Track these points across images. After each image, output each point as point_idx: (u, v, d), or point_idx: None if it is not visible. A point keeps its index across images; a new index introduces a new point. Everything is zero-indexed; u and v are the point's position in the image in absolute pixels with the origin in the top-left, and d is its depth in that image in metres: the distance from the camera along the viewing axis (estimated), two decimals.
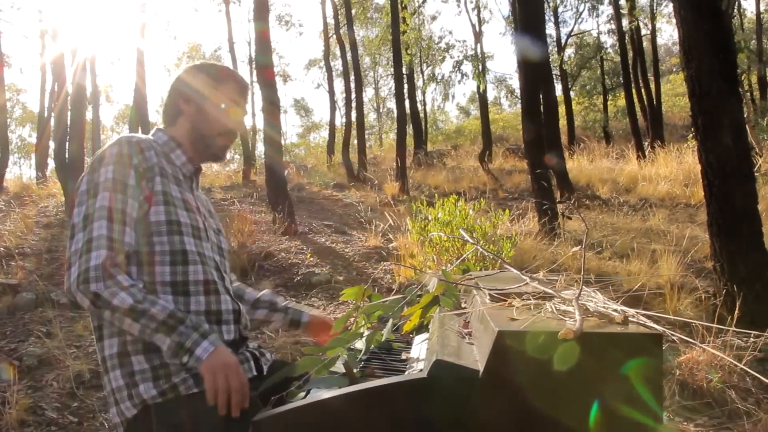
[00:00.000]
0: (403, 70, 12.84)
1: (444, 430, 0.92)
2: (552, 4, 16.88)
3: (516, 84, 23.28)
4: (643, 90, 15.55)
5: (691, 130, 6.47)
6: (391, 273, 4.92)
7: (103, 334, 1.24)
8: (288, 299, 4.54)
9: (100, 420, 2.61)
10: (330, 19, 17.05)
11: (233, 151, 26.32)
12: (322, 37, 17.23)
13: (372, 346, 1.26)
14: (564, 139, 14.79)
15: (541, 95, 7.91)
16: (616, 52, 18.21)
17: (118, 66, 49.87)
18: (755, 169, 5.87)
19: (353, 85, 14.52)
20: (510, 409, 0.88)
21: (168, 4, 40.91)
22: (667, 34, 40.81)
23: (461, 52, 20.62)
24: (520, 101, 8.89)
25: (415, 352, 1.26)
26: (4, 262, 5.08)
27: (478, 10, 17.89)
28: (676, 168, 10.09)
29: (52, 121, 11.76)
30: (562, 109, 16.31)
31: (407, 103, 14.75)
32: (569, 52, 20.18)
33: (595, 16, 26.25)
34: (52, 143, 10.26)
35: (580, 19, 36.46)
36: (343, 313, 3.07)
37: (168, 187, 1.30)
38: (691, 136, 9.72)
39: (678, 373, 2.69)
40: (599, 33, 20.62)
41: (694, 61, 3.53)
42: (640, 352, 0.84)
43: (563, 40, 19.12)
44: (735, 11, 14.59)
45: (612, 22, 18.12)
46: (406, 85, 14.11)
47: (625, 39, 15.49)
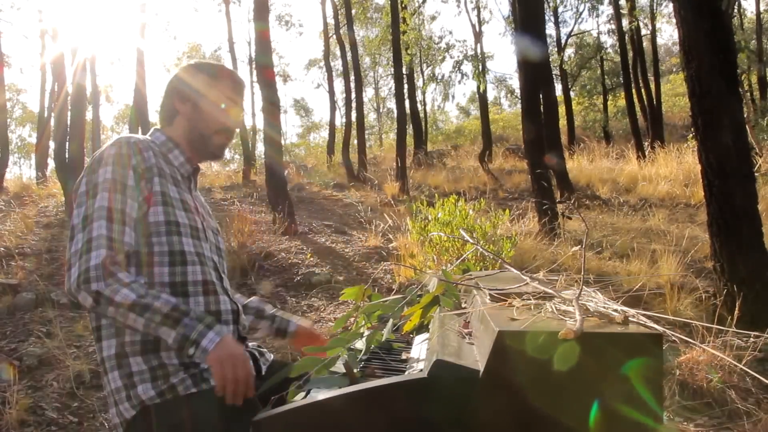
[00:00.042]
0: (403, 70, 12.84)
1: (444, 430, 0.92)
2: (552, 4, 16.88)
3: (516, 84, 23.30)
4: (643, 90, 15.55)
5: (691, 130, 6.46)
6: (391, 273, 4.92)
7: (101, 335, 1.24)
8: (288, 299, 4.55)
9: (100, 420, 2.61)
10: (330, 19, 17.06)
11: (233, 151, 26.34)
12: (322, 37, 17.23)
13: (372, 346, 1.26)
14: (564, 139, 14.79)
15: (541, 95, 7.91)
16: (616, 52, 18.22)
17: (118, 66, 49.93)
18: (755, 169, 5.87)
19: (353, 85, 14.52)
20: (510, 409, 0.88)
21: (168, 4, 40.98)
22: (667, 34, 40.84)
23: (461, 52, 20.60)
24: (520, 101, 8.88)
25: (415, 352, 1.26)
26: (4, 262, 5.08)
27: (478, 10, 17.90)
28: (676, 168, 10.09)
29: (52, 121, 11.76)
30: (562, 109, 16.32)
31: (407, 103, 14.76)
32: (569, 52, 20.20)
33: (595, 16, 26.29)
34: (52, 143, 10.26)
35: (580, 19, 36.51)
36: (343, 313, 3.07)
37: (166, 187, 1.30)
38: (691, 136, 9.71)
39: (678, 373, 2.69)
40: (599, 33, 20.67)
41: (694, 61, 3.53)
42: (640, 352, 0.84)
43: (563, 40, 19.15)
44: (735, 11, 14.60)
45: (612, 22, 18.14)
46: (406, 85, 14.12)
47: (625, 39, 15.49)
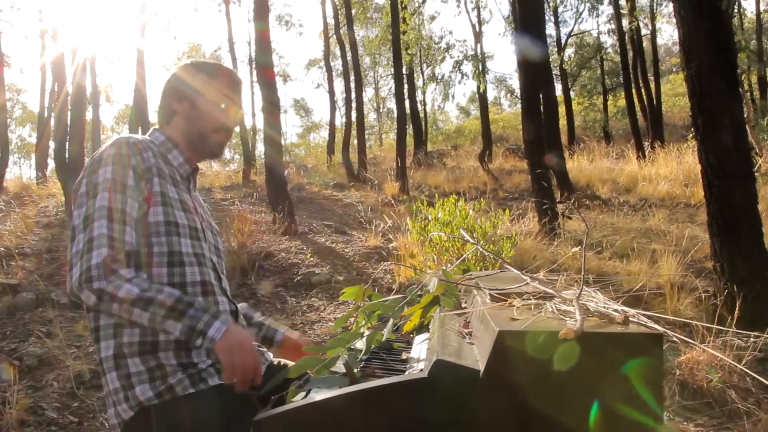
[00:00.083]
0: (403, 70, 12.84)
1: (445, 430, 0.92)
2: (552, 4, 16.89)
3: (516, 84, 23.30)
4: (643, 90, 15.55)
5: (691, 130, 6.47)
6: (391, 273, 4.92)
7: (99, 336, 1.24)
8: (288, 299, 4.55)
9: (100, 420, 2.61)
10: (330, 19, 17.06)
11: (233, 151, 26.35)
12: (322, 37, 17.23)
13: (372, 346, 1.26)
14: (564, 139, 14.79)
15: (541, 95, 7.91)
16: (616, 52, 18.23)
17: (118, 66, 49.88)
18: (755, 169, 5.87)
19: (353, 85, 14.52)
20: (511, 409, 0.88)
21: (168, 4, 40.96)
22: (667, 34, 40.83)
23: (461, 52, 20.61)
24: (520, 101, 8.88)
25: (415, 352, 1.26)
26: (4, 262, 5.08)
27: (478, 10, 17.90)
28: (676, 168, 10.09)
29: (52, 121, 11.76)
30: (562, 109, 16.32)
31: (407, 103, 14.77)
32: (569, 52, 20.20)
33: (595, 16, 26.31)
34: (52, 143, 10.27)
35: (580, 19, 36.53)
36: (343, 313, 3.07)
37: (166, 188, 1.30)
38: (691, 136, 9.72)
39: (678, 373, 2.69)
40: (599, 33, 20.66)
41: (694, 61, 3.53)
42: (640, 352, 0.84)
43: (563, 40, 19.15)
44: (735, 11, 14.60)
45: (612, 22, 18.14)
46: (406, 85, 14.12)
47: (625, 39, 15.49)
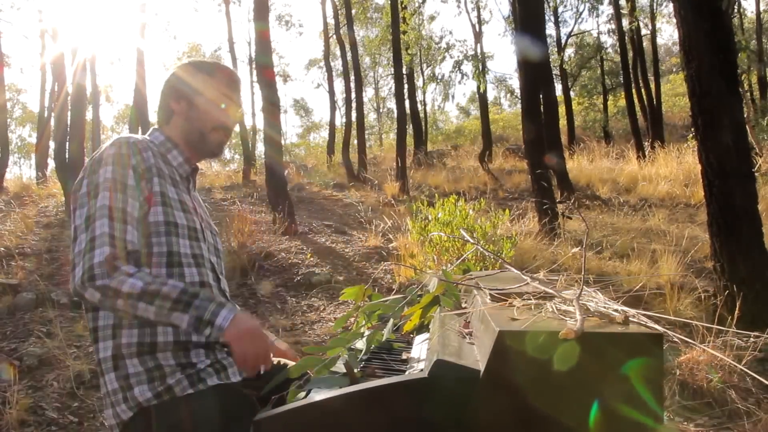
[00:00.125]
0: (403, 70, 12.83)
1: (445, 429, 0.92)
2: (552, 4, 16.89)
3: (516, 84, 23.29)
4: (643, 90, 15.55)
5: (691, 130, 6.47)
6: (392, 273, 4.92)
7: (98, 337, 1.24)
8: (288, 299, 4.55)
9: (100, 420, 2.61)
10: (330, 19, 17.06)
11: (233, 151, 26.35)
12: (322, 37, 17.23)
13: (372, 346, 1.26)
14: (564, 139, 14.79)
15: (541, 95, 7.91)
16: (616, 52, 18.23)
17: (118, 66, 49.97)
18: (755, 169, 5.87)
19: (353, 85, 14.52)
20: (511, 409, 0.88)
21: (168, 4, 40.88)
22: (667, 34, 40.83)
23: (461, 52, 20.62)
24: (520, 101, 8.88)
25: (415, 352, 1.26)
26: (5, 262, 5.08)
27: (478, 10, 17.91)
28: (676, 168, 10.09)
29: (52, 121, 11.76)
30: (562, 109, 16.32)
31: (407, 103, 14.76)
32: (569, 52, 20.20)
33: (595, 16, 26.27)
34: (52, 143, 10.27)
35: (580, 19, 36.50)
36: (343, 313, 3.07)
37: (165, 188, 1.30)
38: (691, 136, 9.72)
39: (678, 373, 2.69)
40: (599, 33, 20.65)
41: (694, 61, 3.53)
42: (640, 352, 0.84)
43: (563, 40, 19.15)
44: (735, 11, 14.59)
45: (612, 22, 18.13)
46: (406, 85, 14.11)
47: (625, 39, 15.49)
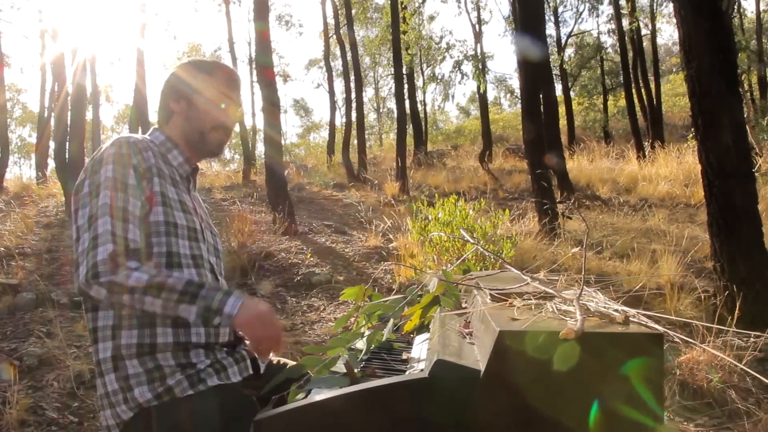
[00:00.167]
0: (403, 70, 12.83)
1: (445, 429, 0.92)
2: (552, 4, 16.90)
3: (516, 84, 23.30)
4: (643, 90, 15.56)
5: (691, 130, 6.47)
6: (392, 273, 4.92)
7: (97, 337, 1.23)
8: (288, 299, 4.55)
9: (100, 420, 2.61)
10: (330, 19, 17.07)
11: (233, 151, 26.36)
12: (322, 37, 17.24)
13: (373, 346, 1.26)
14: (564, 139, 14.79)
15: (541, 95, 7.91)
16: (616, 52, 18.23)
17: (118, 66, 50.00)
18: (755, 169, 5.87)
19: (353, 85, 14.53)
20: (511, 409, 0.88)
21: (168, 4, 40.93)
22: (667, 34, 40.82)
23: (461, 52, 20.65)
24: (520, 101, 8.88)
25: (415, 352, 1.26)
26: (5, 262, 5.08)
27: (478, 10, 17.94)
28: (676, 168, 10.10)
29: (52, 121, 11.76)
30: (562, 109, 16.32)
31: (407, 103, 14.77)
32: (569, 52, 20.21)
33: (595, 16, 26.29)
34: (52, 143, 10.27)
35: (580, 19, 36.49)
36: (344, 313, 3.07)
37: (165, 188, 1.29)
38: (691, 136, 9.72)
39: (678, 373, 2.69)
40: (599, 33, 20.67)
41: (694, 61, 3.53)
42: (641, 352, 0.84)
43: (563, 40, 19.15)
44: (735, 11, 14.59)
45: (612, 22, 18.14)
46: (406, 85, 14.11)
47: (625, 39, 15.50)
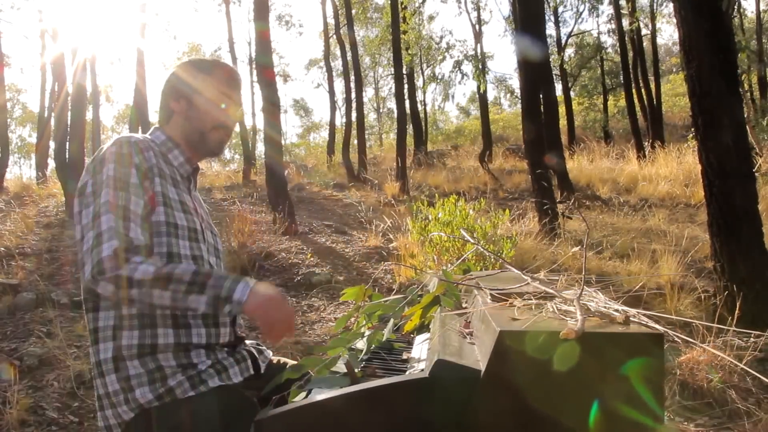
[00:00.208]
0: (403, 70, 12.84)
1: (446, 429, 0.92)
2: (552, 4, 16.90)
3: (516, 84, 23.32)
4: (643, 90, 15.56)
5: (691, 130, 6.47)
6: (392, 273, 4.92)
7: (98, 338, 1.23)
8: (289, 299, 4.55)
9: (98, 420, 2.61)
10: (330, 19, 17.08)
11: (233, 151, 26.36)
12: (322, 37, 17.24)
13: (373, 345, 1.26)
14: (564, 139, 14.79)
15: (541, 95, 7.91)
16: (616, 52, 18.24)
17: (118, 66, 50.05)
18: (755, 169, 5.87)
19: (353, 85, 14.53)
20: (512, 409, 0.89)
21: (168, 4, 40.98)
22: (667, 34, 40.87)
23: (461, 52, 20.66)
24: (520, 101, 8.89)
25: (416, 352, 1.26)
26: (5, 262, 5.08)
27: (478, 11, 17.95)
28: (676, 168, 10.10)
29: (53, 121, 11.76)
30: (562, 109, 16.32)
31: (407, 103, 14.77)
32: (569, 52, 20.21)
33: (595, 16, 26.28)
34: (53, 143, 10.27)
35: (580, 19, 36.50)
36: (344, 313, 3.07)
37: (166, 188, 1.29)
38: (691, 136, 9.72)
39: (678, 373, 2.69)
40: (599, 33, 20.68)
41: (694, 61, 3.53)
42: (641, 352, 0.84)
43: (563, 40, 19.16)
44: (735, 11, 14.59)
45: (612, 22, 18.15)
46: (406, 85, 14.12)
47: (625, 39, 15.50)
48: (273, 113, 7.07)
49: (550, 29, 17.98)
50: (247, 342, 1.41)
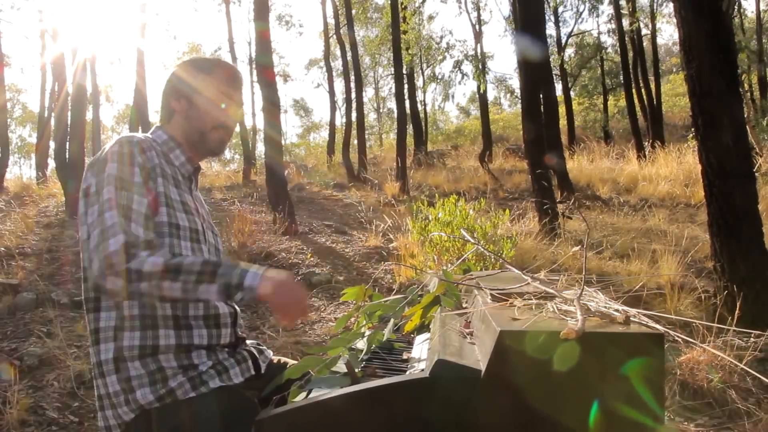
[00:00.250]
0: (403, 70, 12.84)
1: (446, 429, 0.92)
2: (552, 4, 16.89)
3: (516, 84, 23.31)
4: (643, 90, 15.57)
5: (691, 130, 6.47)
6: (392, 273, 4.92)
7: (99, 338, 1.23)
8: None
9: (98, 420, 2.61)
10: (330, 19, 17.08)
11: (233, 151, 26.36)
12: (322, 37, 17.24)
13: (373, 345, 1.26)
14: (564, 139, 14.79)
15: (541, 95, 7.91)
16: (616, 52, 18.24)
17: (118, 66, 50.01)
18: (755, 169, 5.87)
19: (353, 85, 14.53)
20: (512, 409, 0.89)
21: (168, 4, 40.98)
22: (667, 34, 40.88)
23: (461, 52, 20.67)
24: (520, 101, 8.88)
25: (416, 352, 1.26)
26: (5, 262, 5.07)
27: (478, 11, 17.95)
28: (676, 168, 10.10)
29: (53, 121, 11.76)
30: (562, 109, 16.32)
31: (407, 103, 14.77)
32: (569, 52, 20.22)
33: (595, 16, 26.24)
34: (53, 143, 10.26)
35: (580, 19, 36.39)
36: (344, 313, 3.07)
37: (168, 189, 1.29)
38: (691, 136, 9.72)
39: (678, 373, 2.69)
40: (599, 33, 20.68)
41: (694, 61, 3.53)
42: (641, 352, 0.84)
43: (563, 40, 19.16)
44: (735, 11, 14.59)
45: (612, 22, 18.15)
46: (406, 85, 14.12)
47: (625, 39, 15.50)
48: (273, 113, 7.07)
49: (550, 29, 18.01)
50: (248, 342, 1.42)
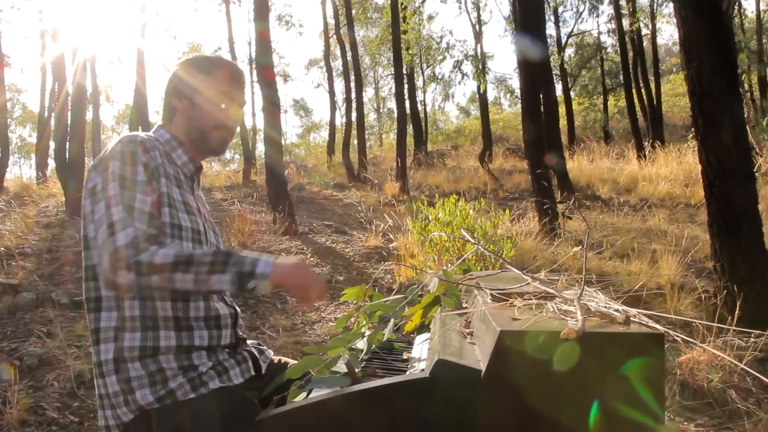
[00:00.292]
0: (403, 70, 12.84)
1: (446, 429, 0.92)
2: (552, 4, 16.89)
3: (516, 84, 23.32)
4: (643, 90, 15.57)
5: (691, 130, 6.47)
6: (392, 273, 4.92)
7: (99, 338, 1.23)
8: (289, 299, 4.55)
9: (98, 419, 2.61)
10: (330, 19, 17.08)
11: (233, 151, 26.34)
12: (322, 37, 17.25)
13: (373, 345, 1.26)
14: (564, 139, 14.80)
15: (541, 95, 7.91)
16: (616, 52, 18.25)
17: (118, 66, 50.05)
18: (755, 169, 5.87)
19: (353, 85, 14.54)
20: (512, 409, 0.89)
21: (168, 4, 40.98)
22: (667, 34, 40.89)
23: (461, 52, 20.68)
24: (520, 101, 8.89)
25: (416, 352, 1.26)
26: (5, 262, 5.07)
27: (478, 11, 17.96)
28: (676, 168, 10.10)
29: (53, 121, 11.76)
30: (562, 109, 16.33)
31: (407, 103, 14.78)
32: (569, 52, 20.22)
33: (595, 16, 26.31)
34: (53, 143, 10.26)
35: (580, 19, 36.48)
36: (344, 313, 3.07)
37: (171, 189, 1.29)
38: (691, 136, 9.72)
39: (679, 373, 2.69)
40: (599, 33, 20.69)
41: (694, 61, 3.53)
42: (641, 352, 0.84)
43: (563, 40, 19.16)
44: (735, 11, 14.59)
45: (612, 22, 18.16)
46: (406, 85, 14.12)
47: (625, 39, 15.50)
48: (273, 113, 7.07)
49: (550, 29, 18.01)
50: (249, 342, 1.41)
